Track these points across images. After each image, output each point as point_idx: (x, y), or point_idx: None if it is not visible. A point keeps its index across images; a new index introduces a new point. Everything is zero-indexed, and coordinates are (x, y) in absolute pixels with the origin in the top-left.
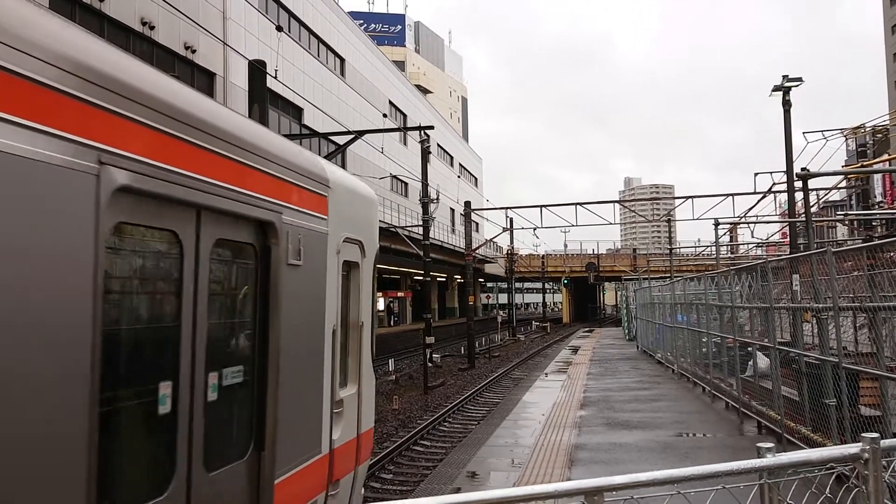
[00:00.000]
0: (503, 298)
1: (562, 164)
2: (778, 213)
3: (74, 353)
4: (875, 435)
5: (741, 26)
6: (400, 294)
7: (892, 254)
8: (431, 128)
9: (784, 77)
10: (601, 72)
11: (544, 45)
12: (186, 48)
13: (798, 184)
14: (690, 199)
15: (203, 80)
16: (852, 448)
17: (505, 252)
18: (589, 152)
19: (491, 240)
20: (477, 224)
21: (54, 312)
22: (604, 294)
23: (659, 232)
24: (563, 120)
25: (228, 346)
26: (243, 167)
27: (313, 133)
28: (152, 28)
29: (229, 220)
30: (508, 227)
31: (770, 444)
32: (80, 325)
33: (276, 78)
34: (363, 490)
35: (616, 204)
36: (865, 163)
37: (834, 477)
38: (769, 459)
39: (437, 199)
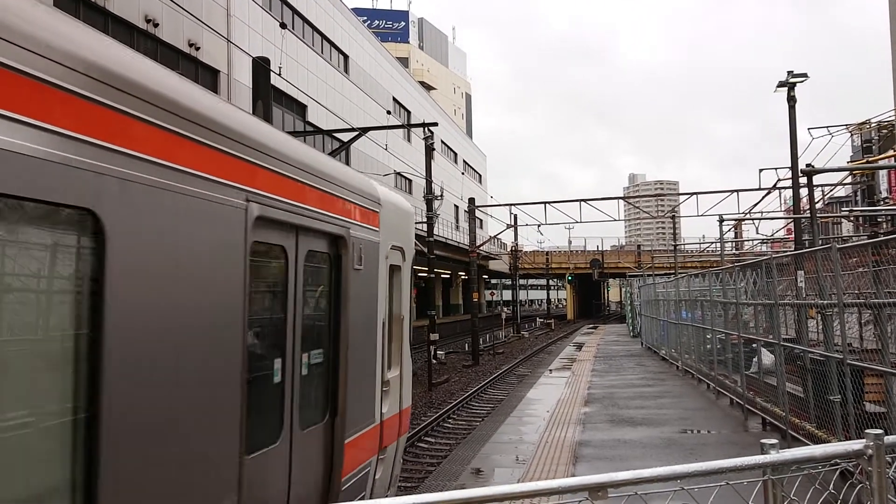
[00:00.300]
0: (507, 295)
1: (565, 160)
2: (783, 209)
3: (237, 335)
4: (879, 431)
5: (745, 22)
6: None
7: None
8: (435, 124)
9: (789, 73)
10: (604, 68)
11: (547, 41)
12: (190, 45)
13: (803, 180)
14: (695, 196)
15: (207, 78)
16: (856, 444)
17: (509, 249)
18: (592, 148)
19: (495, 236)
20: (481, 221)
21: (227, 307)
22: (608, 291)
23: (663, 228)
24: (565, 116)
25: (314, 333)
26: (325, 194)
27: (317, 130)
28: (156, 25)
29: (315, 235)
30: (512, 223)
31: (774, 441)
32: (239, 316)
33: (279, 75)
34: (401, 460)
35: (620, 200)
36: (871, 158)
37: (838, 473)
38: (773, 456)
39: (441, 196)
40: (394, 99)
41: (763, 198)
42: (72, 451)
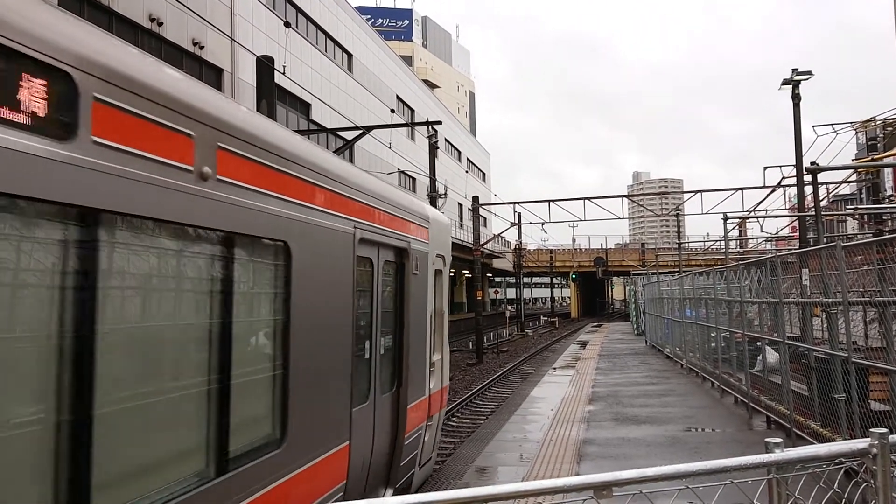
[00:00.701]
0: (511, 293)
1: (567, 158)
2: (787, 206)
3: (350, 321)
4: (884, 430)
5: (747, 17)
6: None
7: None
8: (439, 123)
9: (794, 70)
10: (606, 65)
11: (548, 37)
12: (194, 44)
13: (807, 178)
14: (699, 194)
15: (211, 76)
16: (860, 443)
17: (513, 247)
18: (594, 145)
19: (499, 235)
20: (485, 219)
21: (346, 300)
22: (612, 289)
23: (668, 226)
24: (567, 113)
25: (387, 322)
26: (395, 217)
27: (321, 128)
28: (160, 24)
29: (389, 249)
30: (516, 221)
31: (778, 440)
32: (351, 307)
33: (284, 74)
34: (441, 429)
35: (624, 198)
36: (876, 156)
37: (842, 472)
38: (777, 454)
39: (445, 194)
40: (398, 97)
41: (767, 195)
42: (282, 388)
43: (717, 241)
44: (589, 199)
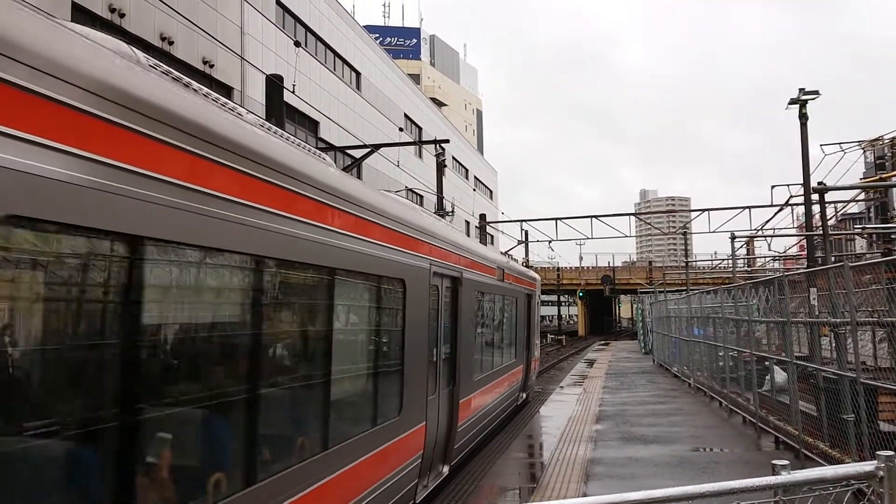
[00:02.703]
0: None
1: (567, 173)
2: (795, 225)
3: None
4: (890, 453)
5: (744, 33)
6: None
7: None
8: (447, 141)
9: (801, 90)
10: (606, 81)
11: (542, 50)
12: (205, 63)
13: (815, 197)
14: (707, 212)
15: (221, 94)
16: (867, 466)
17: (520, 264)
18: (596, 162)
19: (506, 252)
20: (492, 237)
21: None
22: (619, 307)
23: (675, 244)
24: (566, 127)
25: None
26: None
27: (329, 146)
28: (171, 43)
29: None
30: (523, 239)
31: (785, 461)
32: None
33: (293, 92)
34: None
35: (631, 216)
36: (884, 175)
37: (850, 494)
38: (784, 477)
39: (453, 212)
40: (405, 115)
41: (775, 214)
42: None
43: (724, 259)
44: (596, 216)
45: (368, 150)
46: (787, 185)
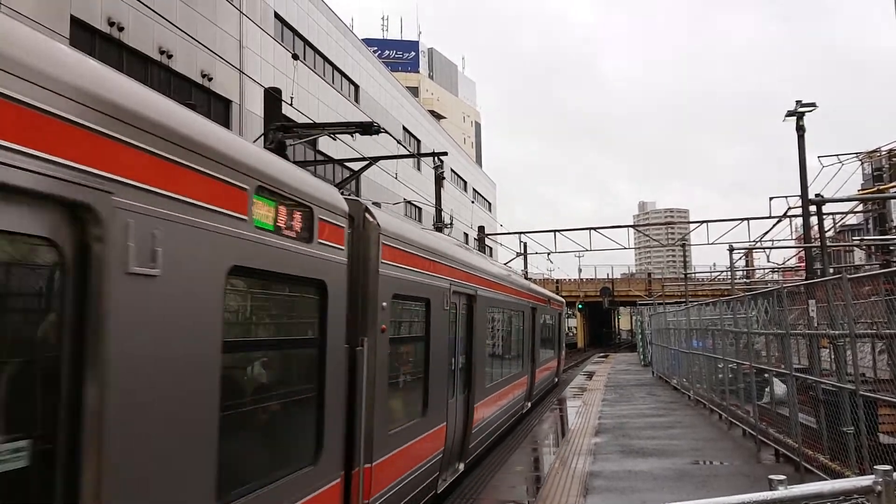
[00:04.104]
0: None
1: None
2: (794, 237)
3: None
4: (888, 467)
5: (732, 41)
6: None
7: None
8: (445, 154)
9: (798, 102)
10: (598, 95)
11: (533, 66)
12: (203, 76)
13: (813, 208)
14: (705, 224)
15: (219, 108)
16: (865, 480)
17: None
18: (587, 171)
19: (505, 264)
20: (491, 249)
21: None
22: (619, 319)
23: (674, 256)
24: (559, 138)
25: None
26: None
27: (328, 159)
28: (170, 57)
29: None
30: (522, 251)
31: (782, 476)
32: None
33: (291, 105)
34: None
35: (630, 228)
36: (882, 187)
37: None
38: (781, 492)
39: (451, 224)
40: (404, 128)
41: (773, 226)
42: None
43: (723, 271)
44: (594, 228)
45: (366, 162)
46: (786, 197)
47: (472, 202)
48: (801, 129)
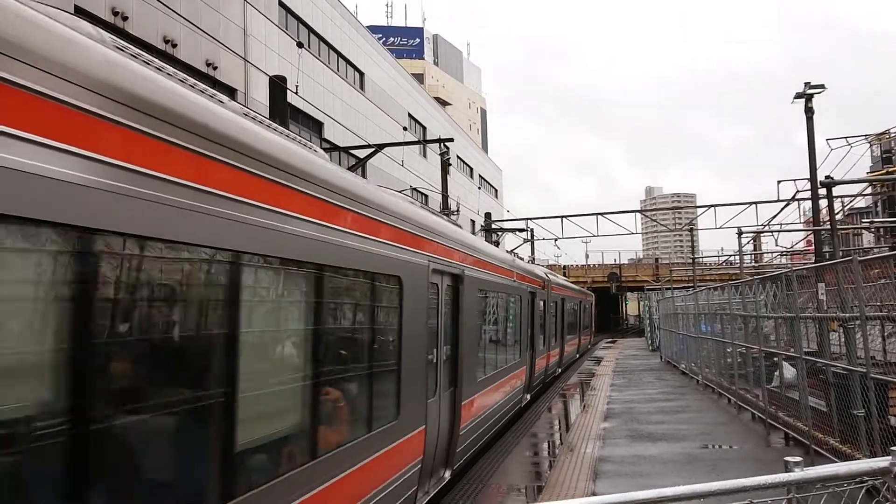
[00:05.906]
0: None
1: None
2: (802, 220)
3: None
4: None
5: (726, 19)
6: None
7: None
8: (451, 140)
9: (806, 84)
10: (599, 78)
11: (527, 48)
12: (208, 65)
13: (822, 191)
14: (713, 208)
15: (224, 96)
16: (881, 462)
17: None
18: (586, 154)
19: (512, 251)
20: (498, 235)
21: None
22: (626, 304)
23: (681, 241)
24: (558, 122)
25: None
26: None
27: (334, 147)
28: (174, 46)
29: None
30: (529, 238)
31: (798, 458)
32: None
33: (296, 93)
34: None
35: (637, 214)
36: (891, 169)
37: (864, 491)
38: (797, 474)
39: (458, 211)
40: (409, 115)
41: (782, 209)
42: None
43: (731, 255)
44: (602, 214)
45: (372, 150)
46: (794, 180)
47: (479, 189)
48: (809, 111)
